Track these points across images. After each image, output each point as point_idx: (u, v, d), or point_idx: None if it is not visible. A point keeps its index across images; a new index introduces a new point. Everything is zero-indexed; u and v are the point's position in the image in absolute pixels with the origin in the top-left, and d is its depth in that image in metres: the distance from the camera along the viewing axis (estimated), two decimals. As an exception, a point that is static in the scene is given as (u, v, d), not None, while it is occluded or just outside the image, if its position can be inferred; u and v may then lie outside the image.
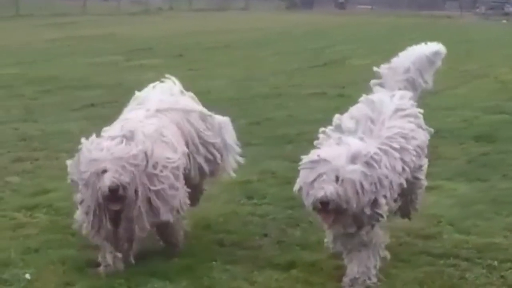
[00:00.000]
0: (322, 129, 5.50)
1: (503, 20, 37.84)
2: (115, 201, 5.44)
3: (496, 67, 17.34)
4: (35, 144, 9.89)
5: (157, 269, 5.67)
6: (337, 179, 4.99)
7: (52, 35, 25.54)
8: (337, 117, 5.60)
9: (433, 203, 7.10)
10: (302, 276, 5.57)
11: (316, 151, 5.20)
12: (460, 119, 11.21)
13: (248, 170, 7.78)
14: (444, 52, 6.23)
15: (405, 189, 5.54)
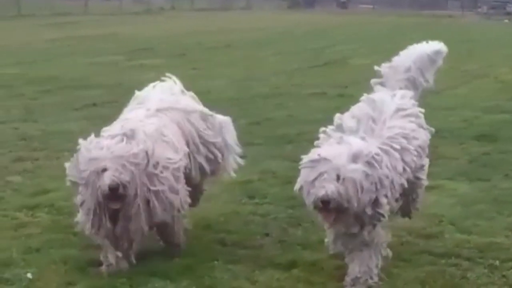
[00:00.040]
0: (322, 128, 5.49)
1: (505, 20, 37.81)
2: (115, 200, 5.41)
3: (497, 67, 17.33)
4: (35, 143, 9.89)
5: (158, 268, 5.67)
6: (338, 178, 4.97)
7: (53, 35, 25.55)
8: (337, 116, 5.59)
9: (435, 203, 7.09)
10: (303, 275, 5.56)
11: (316, 150, 5.20)
12: (461, 118, 11.20)
13: (249, 170, 7.78)
14: (445, 51, 6.21)
15: (406, 188, 5.53)
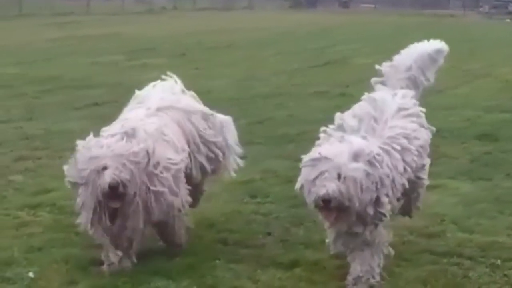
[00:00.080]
0: (323, 128, 5.47)
1: (507, 19, 37.79)
2: (115, 199, 5.39)
3: (499, 67, 17.32)
4: (37, 143, 9.89)
5: (160, 268, 5.67)
6: (339, 177, 4.97)
7: (55, 35, 25.54)
8: (338, 115, 5.58)
9: (436, 202, 7.10)
10: (305, 275, 5.56)
11: (317, 148, 5.19)
12: (463, 118, 11.20)
13: (251, 169, 7.78)
14: (446, 50, 6.21)
15: (407, 188, 5.53)
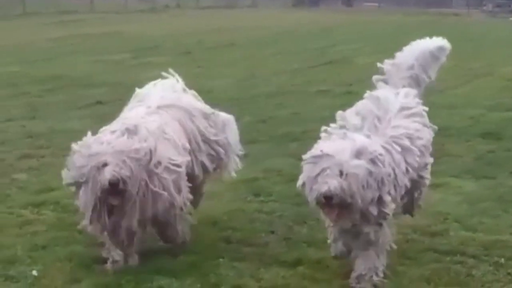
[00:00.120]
0: (323, 127, 5.45)
1: (510, 18, 37.72)
2: (115, 195, 5.37)
3: (503, 65, 17.28)
4: (41, 141, 9.91)
5: (163, 266, 5.68)
6: (341, 174, 4.96)
7: (58, 34, 25.55)
8: (339, 114, 5.57)
9: (440, 200, 7.09)
10: (308, 273, 5.57)
11: (319, 145, 5.18)
12: (466, 116, 11.18)
13: (254, 168, 7.79)
14: (448, 48, 6.20)
15: (409, 187, 5.53)
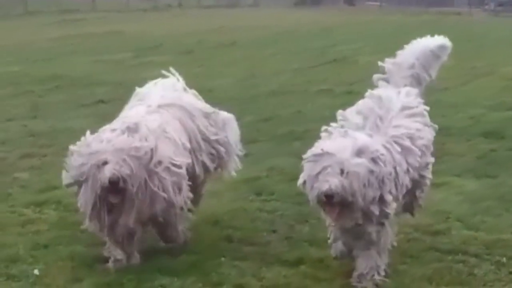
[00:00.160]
0: (324, 127, 5.44)
1: (512, 17, 37.67)
2: (115, 194, 5.37)
3: (504, 65, 17.25)
4: (43, 140, 9.92)
5: (165, 265, 5.68)
6: (342, 172, 4.96)
7: (60, 33, 25.54)
8: (340, 113, 5.56)
9: (442, 200, 7.09)
10: (310, 272, 5.57)
11: (320, 144, 5.17)
12: (468, 116, 11.17)
13: (256, 167, 7.79)
14: (449, 46, 6.19)
15: (410, 187, 5.53)
